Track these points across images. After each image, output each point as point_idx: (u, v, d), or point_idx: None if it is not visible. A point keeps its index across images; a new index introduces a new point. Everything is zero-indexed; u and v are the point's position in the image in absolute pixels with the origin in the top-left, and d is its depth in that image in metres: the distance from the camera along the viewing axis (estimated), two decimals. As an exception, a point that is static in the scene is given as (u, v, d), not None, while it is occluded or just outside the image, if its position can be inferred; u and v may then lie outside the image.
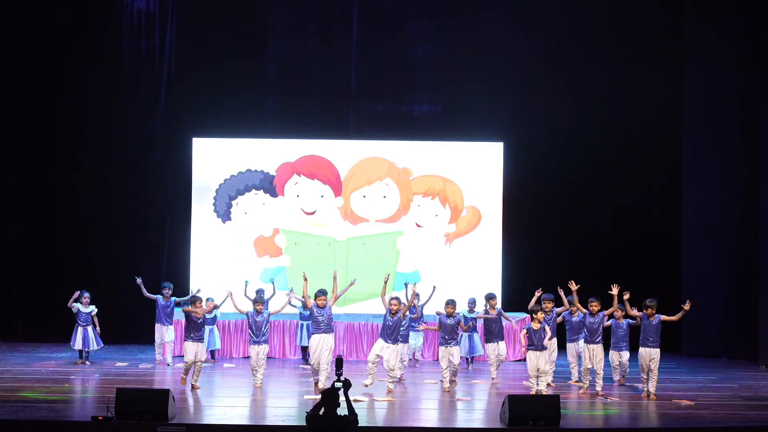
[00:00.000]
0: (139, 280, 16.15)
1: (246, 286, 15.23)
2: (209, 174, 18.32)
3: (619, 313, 13.80)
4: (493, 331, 14.92)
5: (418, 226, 18.33)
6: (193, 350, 13.62)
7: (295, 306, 15.78)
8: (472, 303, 15.71)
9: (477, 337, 15.88)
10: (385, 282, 14.00)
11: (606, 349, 13.97)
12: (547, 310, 14.30)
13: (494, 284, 17.67)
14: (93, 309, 16.24)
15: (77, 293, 16.13)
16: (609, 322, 14.01)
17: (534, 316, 13.42)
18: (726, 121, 18.19)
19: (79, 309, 16.08)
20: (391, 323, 13.66)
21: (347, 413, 9.08)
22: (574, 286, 13.89)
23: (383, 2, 19.16)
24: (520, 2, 18.93)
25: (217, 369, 15.87)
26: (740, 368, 16.65)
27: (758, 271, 17.22)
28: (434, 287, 15.43)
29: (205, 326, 14.29)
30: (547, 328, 13.43)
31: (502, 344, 14.94)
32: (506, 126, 18.69)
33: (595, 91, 18.87)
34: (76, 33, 18.86)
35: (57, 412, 11.55)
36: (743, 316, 17.70)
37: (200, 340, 13.77)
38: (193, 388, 13.53)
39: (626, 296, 13.60)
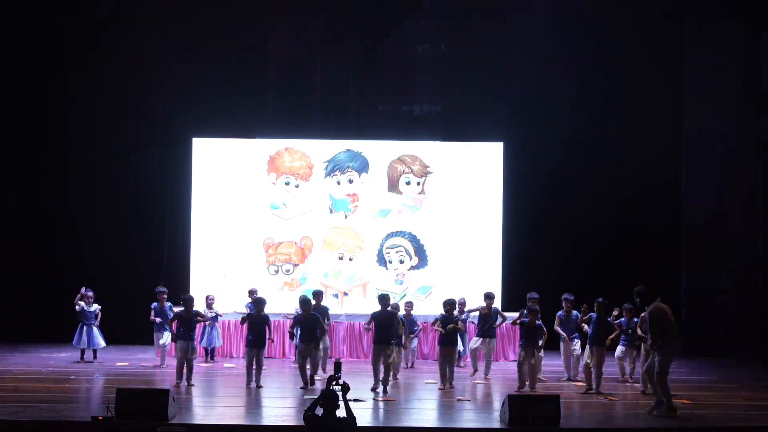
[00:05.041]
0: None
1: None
2: (209, 174, 18.32)
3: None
4: (482, 328, 15.07)
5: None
6: (183, 348, 13.73)
7: None
8: (462, 303, 15.75)
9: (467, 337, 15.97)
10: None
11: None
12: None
13: (494, 284, 17.66)
14: (96, 307, 16.22)
15: (82, 290, 16.12)
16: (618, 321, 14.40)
17: (531, 317, 13.66)
18: (726, 120, 18.21)
19: (83, 307, 16.06)
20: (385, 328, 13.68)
21: (346, 416, 9.09)
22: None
23: (383, 2, 19.15)
24: (520, 2, 18.94)
25: (217, 369, 15.87)
26: (740, 368, 16.65)
27: (758, 272, 17.24)
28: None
29: (195, 324, 14.23)
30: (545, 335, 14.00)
31: (490, 342, 15.08)
32: (506, 126, 18.70)
33: (594, 90, 18.87)
34: (75, 33, 18.87)
35: (57, 412, 11.53)
36: (743, 316, 17.70)
37: (190, 338, 13.82)
38: (189, 385, 13.53)
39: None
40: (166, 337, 15.80)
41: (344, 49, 19.10)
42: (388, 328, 13.51)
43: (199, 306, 16.27)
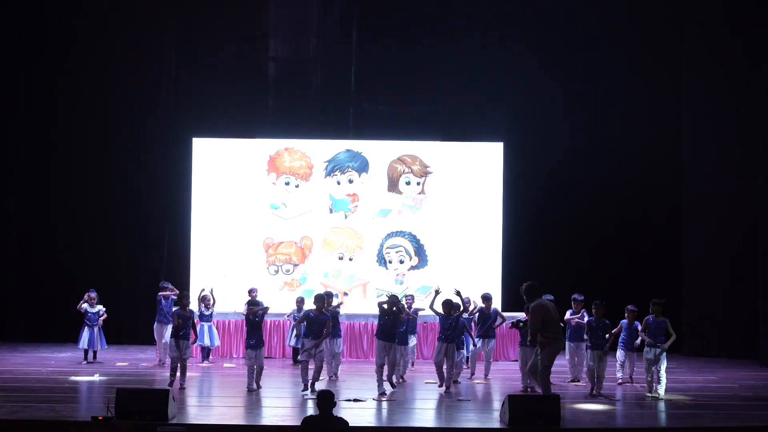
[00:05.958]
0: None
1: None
2: (209, 174, 18.32)
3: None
4: (481, 329, 15.05)
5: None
6: (178, 346, 13.61)
7: None
8: (467, 302, 15.72)
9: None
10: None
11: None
12: None
13: (494, 284, 17.67)
14: (100, 309, 16.21)
15: (87, 294, 16.11)
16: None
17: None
18: (725, 119, 18.21)
19: (86, 309, 16.06)
20: (387, 324, 13.58)
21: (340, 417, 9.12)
22: None
23: (383, 2, 19.16)
24: (520, 3, 18.94)
25: (216, 369, 15.87)
26: (740, 368, 16.65)
27: (759, 271, 17.23)
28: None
29: (189, 322, 14.15)
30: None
31: (490, 343, 15.05)
32: (506, 126, 18.71)
33: (594, 90, 18.87)
34: (75, 33, 18.86)
35: (57, 412, 11.53)
36: (743, 316, 17.70)
37: (185, 337, 13.75)
38: (181, 388, 13.44)
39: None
40: (167, 335, 15.84)
41: (344, 49, 19.10)
42: (392, 327, 13.50)
43: (195, 305, 16.34)
